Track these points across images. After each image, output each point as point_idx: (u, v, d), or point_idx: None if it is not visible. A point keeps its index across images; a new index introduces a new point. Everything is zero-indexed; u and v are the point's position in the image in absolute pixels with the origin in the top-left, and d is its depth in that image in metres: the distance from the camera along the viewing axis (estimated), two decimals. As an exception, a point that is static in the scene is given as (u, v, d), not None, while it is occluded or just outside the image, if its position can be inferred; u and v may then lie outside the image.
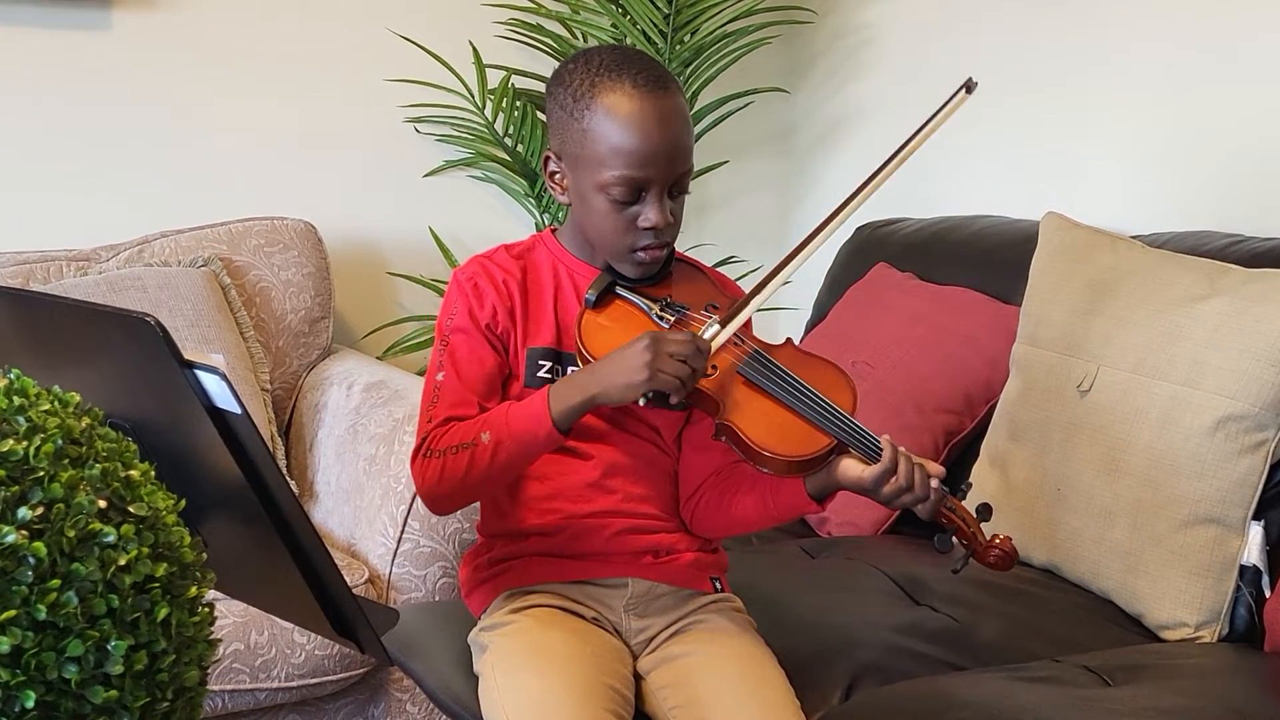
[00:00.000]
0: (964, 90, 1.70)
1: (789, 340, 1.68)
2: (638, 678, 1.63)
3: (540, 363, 1.63)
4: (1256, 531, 1.93)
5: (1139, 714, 1.60)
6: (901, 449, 1.54)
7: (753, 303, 1.60)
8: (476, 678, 1.63)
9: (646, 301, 1.63)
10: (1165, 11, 2.50)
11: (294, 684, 2.23)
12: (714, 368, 1.57)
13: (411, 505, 2.32)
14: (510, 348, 1.64)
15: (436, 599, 2.33)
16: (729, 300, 1.66)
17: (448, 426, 1.59)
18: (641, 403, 1.51)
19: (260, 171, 2.98)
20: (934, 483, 1.53)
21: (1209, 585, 1.93)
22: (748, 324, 1.63)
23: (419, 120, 3.11)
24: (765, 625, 1.70)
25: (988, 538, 1.59)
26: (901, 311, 2.56)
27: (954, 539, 1.58)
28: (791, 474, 1.56)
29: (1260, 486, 1.92)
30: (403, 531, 2.31)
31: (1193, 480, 1.93)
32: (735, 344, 1.60)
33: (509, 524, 1.67)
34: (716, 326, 1.56)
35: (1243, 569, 1.93)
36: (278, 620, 2.18)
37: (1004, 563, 1.58)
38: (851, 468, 1.55)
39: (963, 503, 1.59)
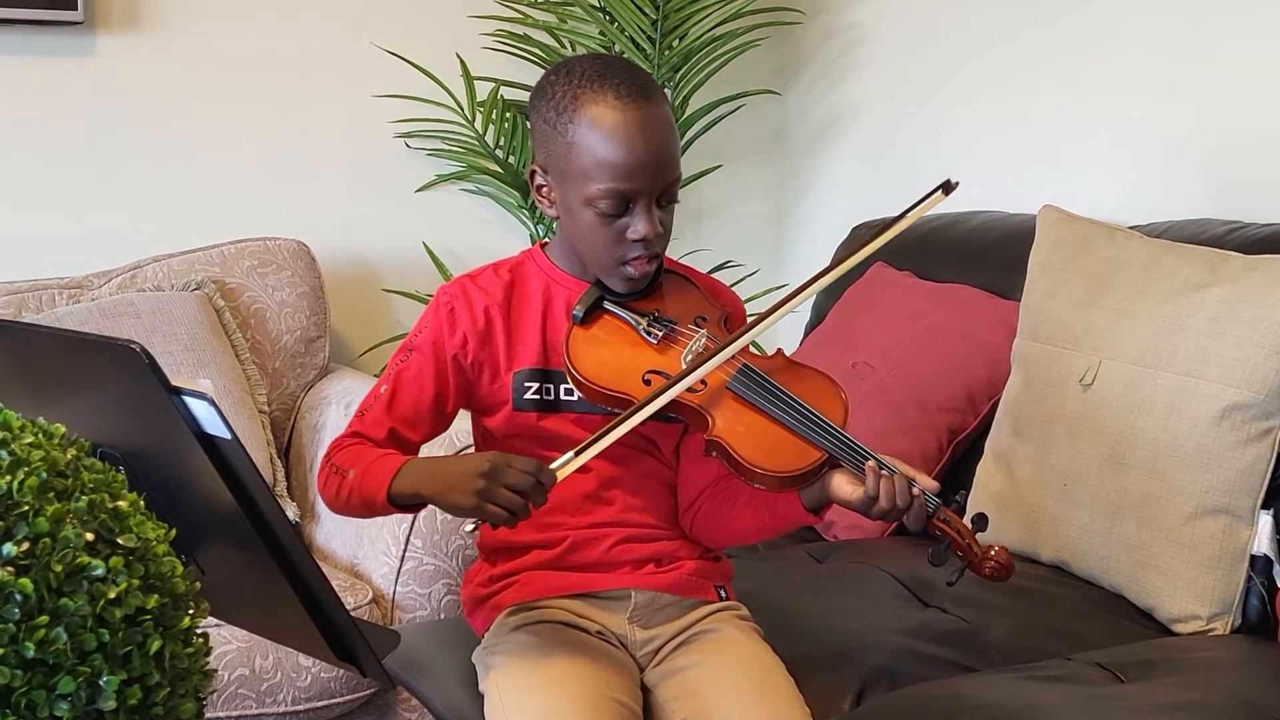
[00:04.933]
0: (940, 191, 1.65)
1: (780, 351, 1.66)
2: (646, 691, 1.61)
3: (527, 384, 1.62)
4: (1266, 521, 1.91)
5: (1153, 711, 1.58)
6: (888, 464, 1.51)
7: (624, 426, 1.50)
8: (482, 697, 1.61)
9: (634, 316, 1.61)
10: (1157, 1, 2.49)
11: (300, 708, 2.21)
12: (703, 383, 1.55)
13: (414, 524, 2.30)
14: (486, 375, 1.63)
15: (442, 617, 2.32)
16: (719, 310, 1.65)
17: (352, 441, 1.60)
18: (467, 529, 1.46)
19: (251, 192, 2.97)
20: (916, 490, 1.51)
21: (1220, 577, 1.91)
22: None
23: (409, 135, 3.10)
24: (773, 632, 1.69)
25: (983, 549, 1.57)
26: (900, 310, 2.55)
27: (948, 551, 1.56)
28: (783, 489, 1.55)
29: (1268, 475, 1.91)
30: (405, 550, 2.30)
31: (1199, 471, 1.91)
32: (726, 359, 1.57)
33: (508, 540, 1.65)
34: (570, 454, 1.46)
35: (1253, 559, 1.92)
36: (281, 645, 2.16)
37: (1000, 574, 1.56)
38: (842, 486, 1.53)
39: (958, 514, 1.57)
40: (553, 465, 1.45)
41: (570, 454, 1.47)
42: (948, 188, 1.66)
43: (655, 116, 1.54)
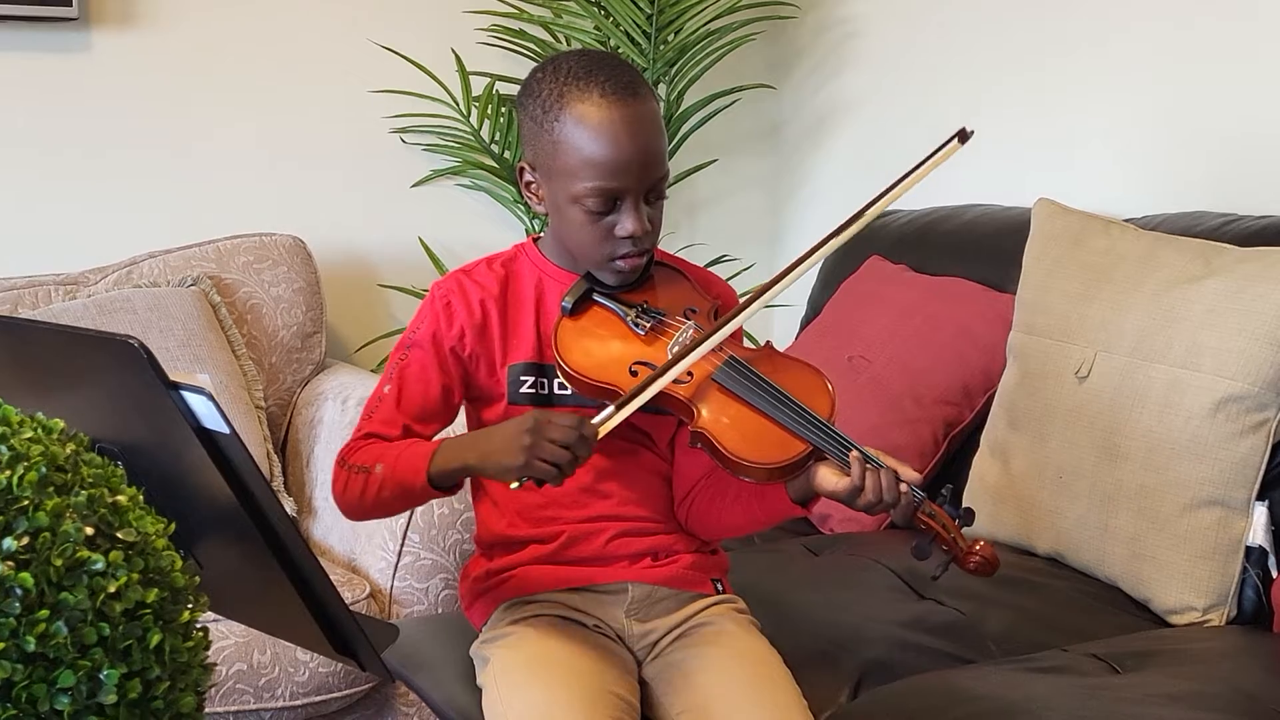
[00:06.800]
0: (956, 140, 1.64)
1: (768, 344, 1.66)
2: (643, 685, 1.62)
3: (522, 378, 1.62)
4: (1261, 512, 1.92)
5: (1148, 701, 1.59)
6: (873, 456, 1.50)
7: (666, 375, 1.51)
8: (480, 690, 1.61)
9: (623, 308, 1.60)
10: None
11: (299, 702, 2.21)
12: (689, 375, 1.54)
13: (410, 518, 2.30)
14: (483, 368, 1.63)
15: (439, 611, 2.32)
16: (710, 302, 1.64)
17: (367, 441, 1.59)
18: (514, 486, 1.46)
19: (247, 188, 2.97)
20: (904, 487, 1.49)
21: (1215, 568, 1.91)
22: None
23: (405, 130, 3.10)
24: (769, 625, 1.69)
25: (968, 543, 1.55)
26: (896, 304, 2.55)
27: (933, 544, 1.55)
28: (769, 481, 1.54)
29: (1263, 467, 1.92)
30: (402, 545, 2.30)
31: (1194, 463, 1.92)
32: (713, 350, 1.57)
33: (505, 534, 1.66)
34: (611, 409, 1.48)
35: (1248, 550, 1.93)
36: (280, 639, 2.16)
37: (984, 569, 1.54)
38: (828, 478, 1.51)
39: (943, 508, 1.56)
40: (594, 420, 1.46)
41: (611, 408, 1.48)
42: (963, 136, 1.63)
43: (641, 114, 1.53)
